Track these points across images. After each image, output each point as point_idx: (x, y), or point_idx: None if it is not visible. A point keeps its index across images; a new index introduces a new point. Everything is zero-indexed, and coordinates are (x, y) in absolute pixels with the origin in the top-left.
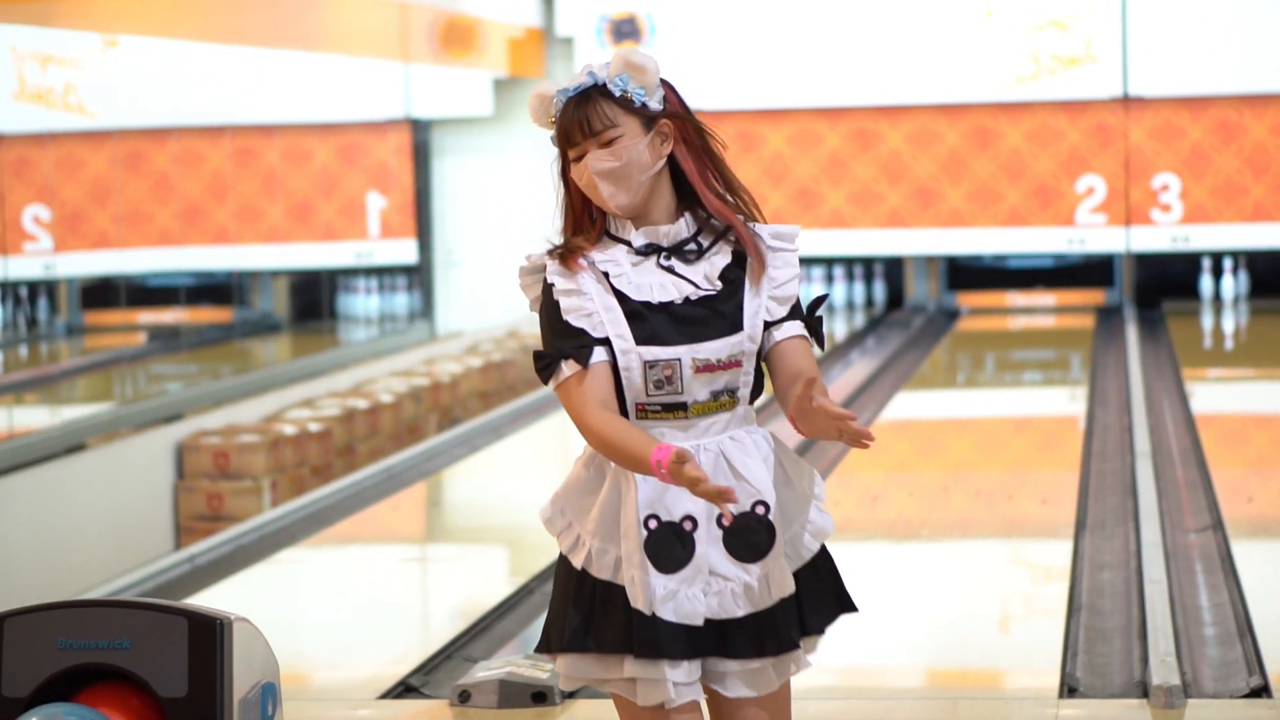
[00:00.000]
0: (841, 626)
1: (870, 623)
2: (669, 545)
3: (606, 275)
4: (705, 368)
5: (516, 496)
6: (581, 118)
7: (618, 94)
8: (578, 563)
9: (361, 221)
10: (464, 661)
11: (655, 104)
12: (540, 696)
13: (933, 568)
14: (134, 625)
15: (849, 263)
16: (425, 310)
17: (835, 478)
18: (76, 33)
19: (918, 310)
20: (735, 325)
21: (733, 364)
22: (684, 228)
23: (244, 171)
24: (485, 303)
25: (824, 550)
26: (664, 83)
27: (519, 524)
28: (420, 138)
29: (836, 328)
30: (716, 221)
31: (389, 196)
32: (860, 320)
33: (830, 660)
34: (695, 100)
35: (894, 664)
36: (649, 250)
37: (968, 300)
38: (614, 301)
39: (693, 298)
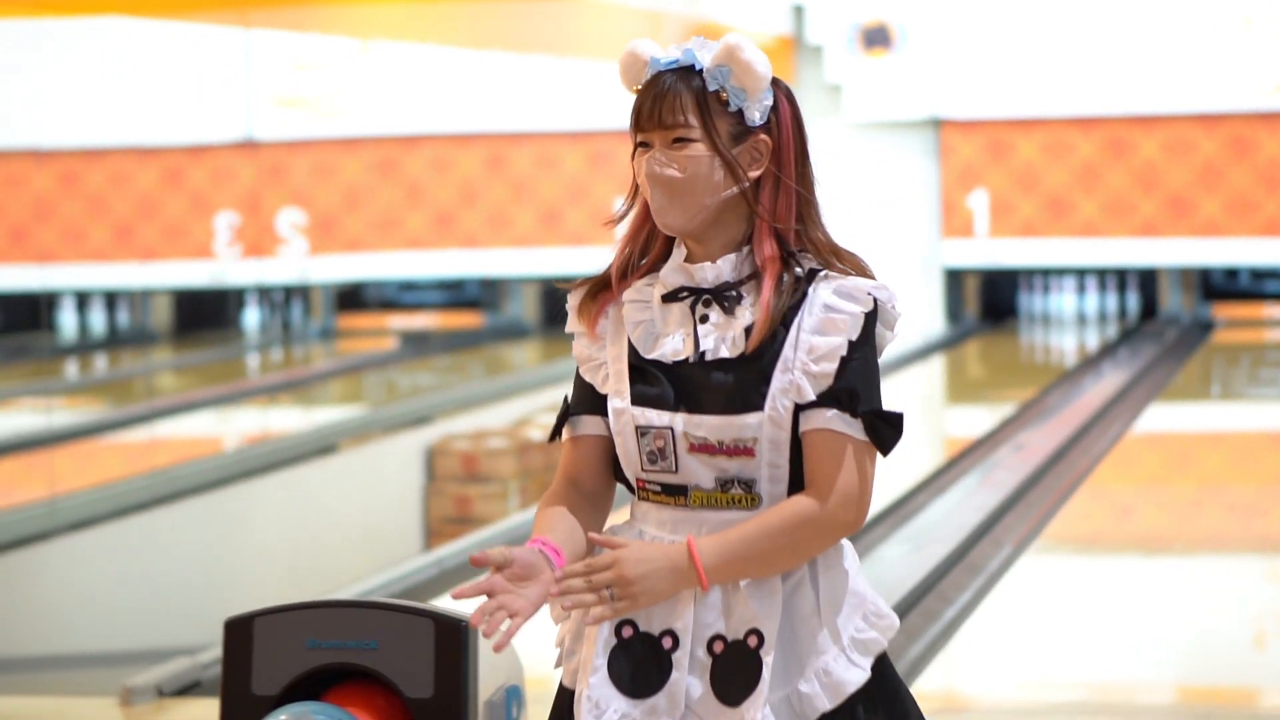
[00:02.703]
0: (1090, 641)
1: (1120, 638)
2: (640, 663)
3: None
4: (702, 447)
5: None
6: (657, 101)
7: (712, 88)
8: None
9: (610, 228)
10: None
11: (756, 114)
12: None
13: (1184, 583)
14: (381, 626)
15: (1101, 273)
16: None
17: (1086, 490)
18: (331, 41)
19: (1171, 322)
20: (748, 403)
21: (740, 451)
22: (727, 269)
23: (494, 178)
24: None
25: (852, 711)
26: (779, 90)
27: None
28: None
29: (1088, 338)
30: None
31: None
32: (1112, 331)
33: (1078, 676)
34: (947, 108)
35: (1144, 680)
36: (683, 293)
37: (1223, 312)
38: (625, 350)
39: (710, 358)
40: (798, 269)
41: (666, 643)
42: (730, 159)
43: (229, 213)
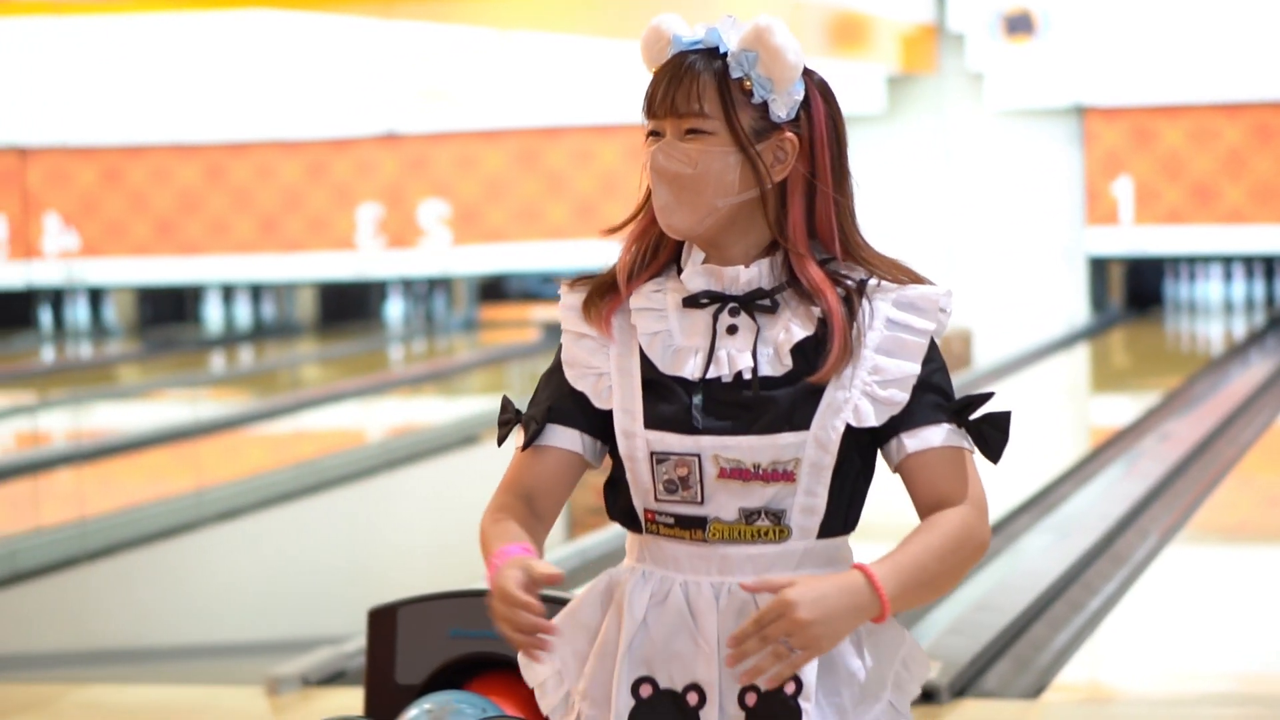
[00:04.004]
0: (1237, 632)
1: (1267, 628)
2: None
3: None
4: (734, 472)
5: (903, 493)
6: (672, 85)
7: (736, 75)
8: None
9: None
10: None
11: (783, 109)
12: (928, 696)
13: None
14: None
15: (1248, 260)
16: None
17: (1232, 479)
18: (472, 32)
19: None
20: (793, 421)
21: (779, 475)
22: (761, 274)
23: (634, 168)
24: None
25: None
26: (811, 83)
27: (906, 521)
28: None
29: (1235, 326)
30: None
31: None
32: (1260, 319)
33: (1225, 666)
34: (1090, 95)
35: None
36: (707, 299)
37: None
38: (636, 364)
39: (746, 375)
40: (849, 279)
41: (692, 699)
42: (753, 157)
43: (372, 205)
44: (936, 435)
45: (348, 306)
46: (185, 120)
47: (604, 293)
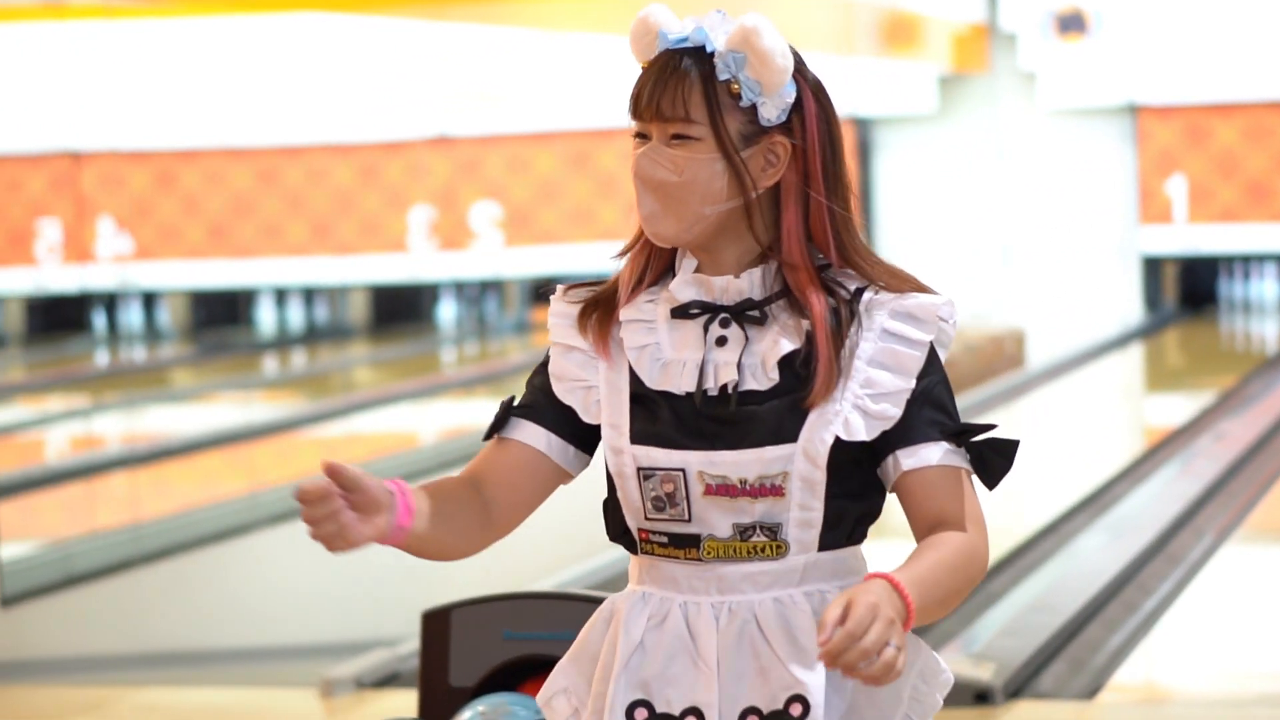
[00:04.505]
0: None
1: None
2: None
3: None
4: (721, 488)
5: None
6: (657, 87)
7: (723, 77)
8: None
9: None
10: None
11: (773, 111)
12: (982, 697)
13: None
14: (578, 617)
15: None
16: None
17: None
18: (522, 34)
19: None
20: (780, 434)
21: (766, 490)
22: (752, 284)
23: None
24: None
25: None
26: (804, 84)
27: None
28: (863, 136)
29: None
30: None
31: None
32: None
33: None
34: (1143, 94)
35: None
36: (697, 310)
37: None
38: (626, 378)
39: (731, 389)
40: (842, 290)
41: None
42: (739, 165)
43: (424, 207)
44: (934, 454)
45: (400, 309)
46: (238, 124)
47: (602, 306)
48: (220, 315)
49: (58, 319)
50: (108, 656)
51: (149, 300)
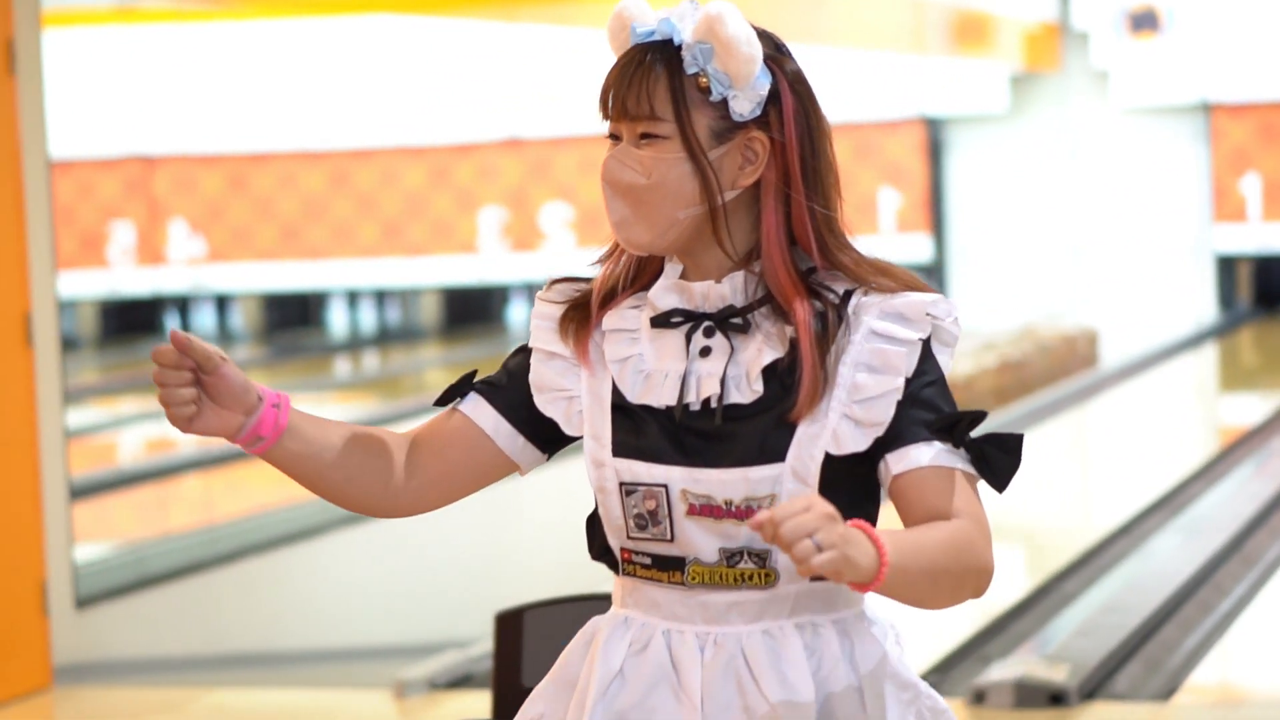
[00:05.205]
0: None
1: None
2: None
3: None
4: (705, 509)
5: (1033, 495)
6: (622, 85)
7: (691, 71)
8: None
9: (873, 217)
10: (979, 661)
11: (745, 105)
12: (1057, 698)
13: None
14: None
15: None
16: None
17: None
18: (592, 34)
19: None
20: (766, 452)
21: (753, 513)
22: (734, 290)
23: None
24: (999, 300)
25: None
26: (781, 75)
27: (1035, 522)
28: (934, 135)
29: None
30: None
31: (903, 193)
32: None
33: None
34: (1216, 92)
35: None
36: (680, 318)
37: None
38: (608, 389)
39: (715, 402)
40: (829, 294)
41: None
42: (706, 166)
43: (495, 209)
44: (924, 454)
45: (471, 310)
46: (309, 127)
47: (583, 312)
48: (292, 317)
49: (131, 322)
50: (181, 658)
51: (221, 303)
